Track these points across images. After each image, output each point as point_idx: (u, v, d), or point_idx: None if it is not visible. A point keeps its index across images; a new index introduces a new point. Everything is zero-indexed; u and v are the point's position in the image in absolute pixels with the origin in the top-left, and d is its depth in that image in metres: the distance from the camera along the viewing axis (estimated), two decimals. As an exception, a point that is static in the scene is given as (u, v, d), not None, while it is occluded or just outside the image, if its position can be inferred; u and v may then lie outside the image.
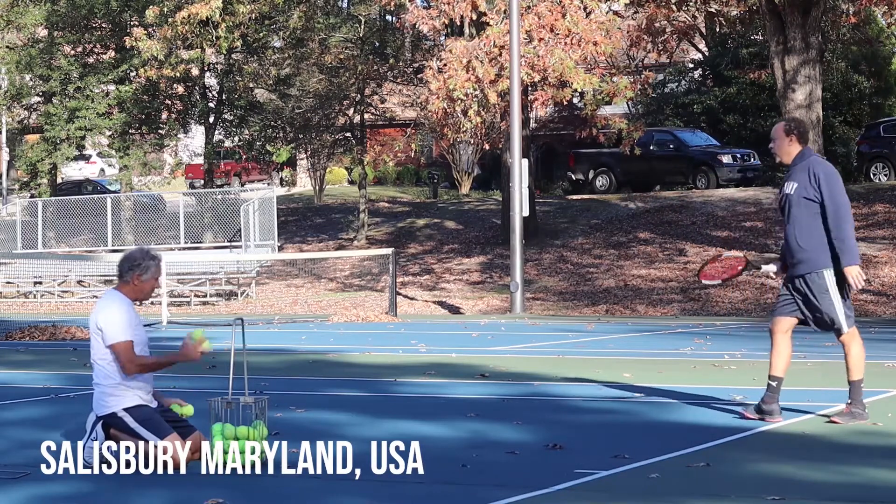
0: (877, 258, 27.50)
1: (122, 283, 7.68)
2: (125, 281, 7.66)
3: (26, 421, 9.83)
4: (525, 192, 26.06)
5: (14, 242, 38.32)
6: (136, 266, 7.63)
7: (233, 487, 6.84)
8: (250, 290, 32.98)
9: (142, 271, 7.62)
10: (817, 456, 7.65)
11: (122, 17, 38.53)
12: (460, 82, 27.59)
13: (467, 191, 46.82)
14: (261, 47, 39.09)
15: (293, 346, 17.42)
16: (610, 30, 28.86)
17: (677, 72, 44.79)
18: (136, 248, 7.89)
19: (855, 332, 8.78)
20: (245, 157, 44.48)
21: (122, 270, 7.66)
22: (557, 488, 6.71)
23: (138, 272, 7.63)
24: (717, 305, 25.85)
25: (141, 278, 7.63)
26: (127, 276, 7.64)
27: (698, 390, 11.07)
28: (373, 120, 43.32)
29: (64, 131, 37.63)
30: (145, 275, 7.63)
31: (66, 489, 6.89)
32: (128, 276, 7.64)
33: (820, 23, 28.05)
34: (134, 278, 7.63)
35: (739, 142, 39.78)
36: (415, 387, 12.02)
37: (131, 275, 7.63)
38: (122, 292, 7.67)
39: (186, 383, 12.04)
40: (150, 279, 7.65)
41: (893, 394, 10.73)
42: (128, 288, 7.67)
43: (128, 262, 7.67)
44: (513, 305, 25.84)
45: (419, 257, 33.93)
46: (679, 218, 33.60)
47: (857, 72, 41.51)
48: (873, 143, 36.30)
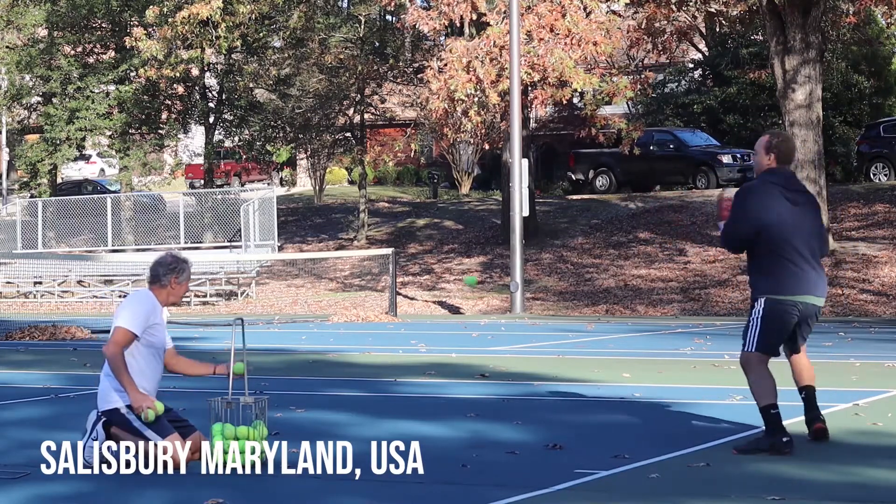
0: (877, 258, 27.50)
1: (158, 287, 7.69)
2: (162, 285, 7.68)
3: (26, 421, 9.83)
4: (525, 192, 26.07)
5: (14, 242, 38.33)
6: (172, 270, 7.68)
7: (233, 487, 6.85)
8: (250, 290, 32.98)
9: (178, 273, 7.68)
10: (817, 456, 7.65)
11: (122, 17, 38.54)
12: (461, 83, 27.59)
13: (467, 191, 46.81)
14: (261, 47, 39.09)
15: (293, 346, 17.42)
16: (610, 30, 28.86)
17: (677, 72, 44.78)
18: (166, 253, 7.93)
19: (749, 358, 7.93)
20: (245, 157, 44.48)
21: (160, 274, 7.68)
22: (557, 488, 6.71)
23: (175, 275, 7.68)
24: (717, 305, 25.85)
25: (178, 280, 7.68)
26: (165, 280, 7.67)
27: (698, 390, 11.07)
28: (373, 120, 43.31)
29: (64, 132, 37.63)
30: (181, 276, 7.69)
31: (66, 489, 6.89)
32: (166, 279, 7.67)
33: (820, 23, 28.03)
34: (172, 281, 7.67)
35: (739, 142, 39.76)
36: (415, 387, 12.02)
37: (169, 278, 7.66)
38: (155, 294, 7.70)
39: (186, 383, 12.03)
40: (185, 281, 7.72)
41: (893, 394, 10.73)
42: (164, 291, 7.69)
43: (163, 265, 7.70)
44: (513, 305, 25.84)
45: (419, 257, 33.93)
46: (679, 218, 33.60)
47: (857, 72, 41.49)
48: (873, 143, 36.29)
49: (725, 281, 27.63)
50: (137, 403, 7.38)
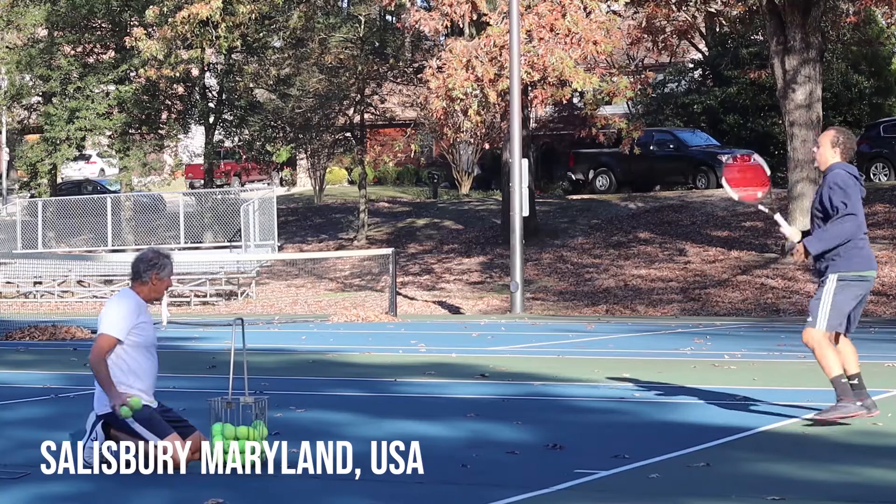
0: (877, 258, 27.46)
1: (140, 283, 7.71)
2: (143, 281, 7.69)
3: (26, 421, 9.83)
4: (525, 192, 26.06)
5: (14, 242, 38.33)
6: (153, 265, 7.68)
7: (233, 487, 6.84)
8: (250, 290, 32.98)
9: (159, 269, 7.69)
10: (817, 456, 7.65)
11: (122, 16, 38.54)
12: (460, 81, 27.59)
13: (467, 191, 46.81)
14: (261, 47, 39.10)
15: (293, 346, 17.42)
16: (610, 29, 28.86)
17: (677, 72, 44.78)
18: (147, 249, 7.94)
19: (819, 334, 8.62)
20: (245, 157, 44.47)
21: (140, 270, 7.69)
22: (557, 488, 6.71)
23: (156, 270, 7.68)
24: (717, 305, 25.85)
25: (159, 276, 7.69)
26: (146, 276, 7.68)
27: (698, 390, 11.07)
28: (373, 120, 43.30)
29: (64, 131, 37.62)
30: (162, 272, 7.69)
31: (66, 489, 6.88)
32: (146, 275, 7.67)
33: (820, 23, 28.04)
34: (153, 277, 7.68)
35: (739, 142, 39.75)
36: (415, 387, 12.02)
37: (150, 274, 7.67)
38: (137, 292, 7.70)
39: (186, 383, 12.04)
40: (167, 277, 7.73)
41: (893, 394, 10.72)
42: (145, 287, 7.70)
43: (144, 261, 7.71)
44: (513, 305, 25.84)
45: (419, 257, 33.93)
46: (679, 218, 33.60)
47: (857, 72, 41.50)
48: (873, 143, 36.28)
49: (725, 281, 27.64)
50: (115, 402, 7.38)
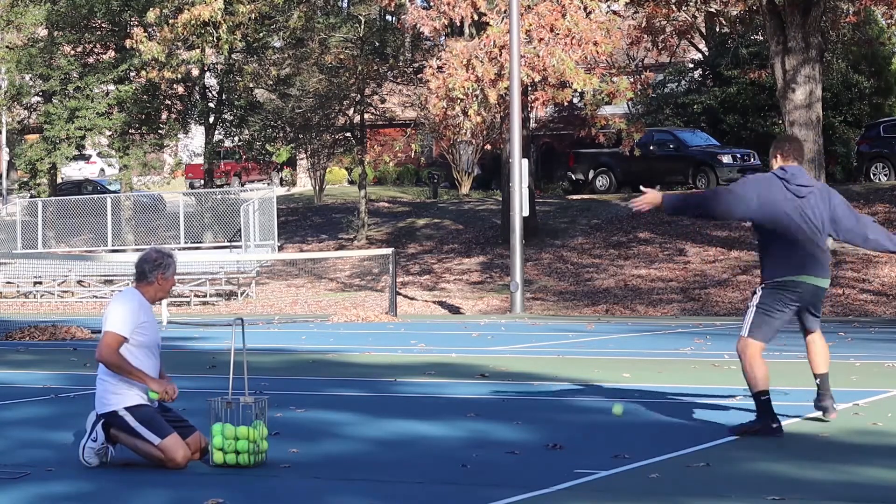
0: (877, 258, 27.49)
1: (145, 284, 7.69)
2: (149, 281, 7.68)
3: (26, 421, 9.83)
4: (525, 192, 26.06)
5: (14, 242, 38.34)
6: (158, 265, 7.67)
7: (233, 487, 6.84)
8: (250, 290, 32.98)
9: (164, 269, 7.68)
10: (817, 456, 7.65)
11: (122, 17, 38.53)
12: (460, 81, 27.58)
13: (467, 191, 46.81)
14: (261, 47, 39.09)
15: (293, 346, 17.42)
16: (610, 30, 28.85)
17: (677, 72, 44.79)
18: (150, 249, 7.91)
19: (746, 343, 8.43)
20: (245, 157, 44.48)
21: (146, 270, 7.67)
22: (557, 488, 6.71)
23: (161, 270, 7.67)
24: (717, 305, 25.85)
25: (165, 276, 7.69)
26: (151, 276, 7.66)
27: (698, 390, 11.07)
28: (373, 120, 43.30)
29: (64, 131, 37.62)
30: (167, 272, 7.69)
31: (66, 489, 6.89)
32: (152, 275, 7.66)
33: (820, 23, 28.03)
34: (159, 277, 7.67)
35: (739, 142, 39.77)
36: (415, 387, 12.02)
37: (156, 274, 7.66)
38: (142, 292, 7.69)
39: (187, 383, 12.04)
40: (172, 276, 7.73)
41: (893, 394, 10.73)
42: (151, 288, 7.69)
43: (149, 262, 7.69)
44: (513, 305, 25.84)
45: (419, 257, 33.93)
46: (679, 218, 33.59)
47: (857, 72, 41.49)
48: (873, 143, 36.29)
49: (725, 281, 27.64)
50: (160, 389, 7.44)
